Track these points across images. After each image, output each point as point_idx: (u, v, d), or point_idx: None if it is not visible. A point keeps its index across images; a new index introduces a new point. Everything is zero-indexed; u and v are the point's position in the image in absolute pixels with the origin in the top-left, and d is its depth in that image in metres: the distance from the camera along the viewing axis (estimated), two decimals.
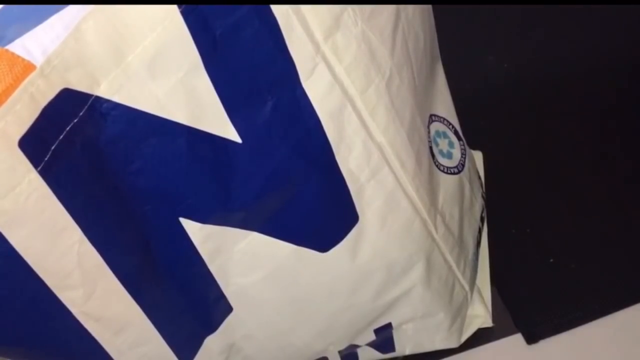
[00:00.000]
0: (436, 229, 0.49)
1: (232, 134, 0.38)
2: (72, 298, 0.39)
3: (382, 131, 0.43)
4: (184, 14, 0.34)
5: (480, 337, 0.58)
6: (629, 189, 0.65)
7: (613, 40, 0.78)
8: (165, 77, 0.36)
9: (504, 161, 0.68)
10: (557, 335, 0.58)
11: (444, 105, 0.55)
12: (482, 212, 0.61)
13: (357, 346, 0.54)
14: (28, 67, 0.33)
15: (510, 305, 0.60)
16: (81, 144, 0.35)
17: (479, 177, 0.63)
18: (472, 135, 0.60)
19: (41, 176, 0.34)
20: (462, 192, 0.54)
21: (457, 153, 0.54)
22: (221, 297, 0.46)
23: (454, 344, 0.57)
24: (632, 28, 0.79)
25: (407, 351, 0.56)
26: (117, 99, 0.35)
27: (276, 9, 0.36)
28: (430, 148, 0.50)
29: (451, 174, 0.53)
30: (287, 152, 0.40)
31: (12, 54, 0.33)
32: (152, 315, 0.43)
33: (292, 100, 0.39)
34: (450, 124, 0.55)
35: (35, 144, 0.34)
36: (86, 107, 0.35)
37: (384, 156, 0.44)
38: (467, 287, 0.55)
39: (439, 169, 0.51)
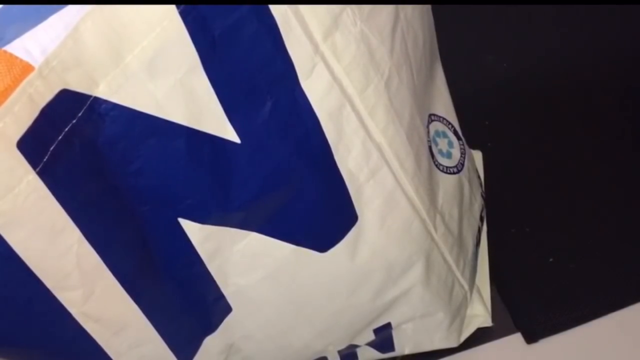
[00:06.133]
0: (435, 228, 0.49)
1: (231, 135, 0.38)
2: (71, 299, 0.39)
3: (381, 131, 0.43)
4: (183, 14, 0.34)
5: (479, 337, 0.58)
6: (629, 189, 0.65)
7: (613, 40, 0.78)
8: (164, 78, 0.36)
9: (503, 161, 0.68)
10: (557, 334, 0.58)
11: (443, 104, 0.55)
12: (482, 211, 0.61)
13: (356, 346, 0.54)
14: (26, 68, 0.33)
15: (510, 304, 0.60)
16: (80, 144, 0.35)
17: (479, 177, 0.63)
18: (471, 135, 0.60)
19: (40, 177, 0.34)
20: (461, 192, 0.54)
21: (456, 152, 0.54)
22: (220, 297, 0.46)
23: (453, 344, 0.57)
24: (633, 27, 0.79)
25: (407, 351, 0.56)
26: (115, 99, 0.35)
27: (275, 9, 0.36)
28: (430, 148, 0.50)
29: (451, 173, 0.53)
30: (286, 152, 0.40)
31: (11, 54, 0.33)
32: (151, 315, 0.43)
33: (291, 101, 0.39)
34: (449, 123, 0.55)
35: (33, 144, 0.34)
36: (85, 107, 0.35)
37: (383, 156, 0.43)
38: (466, 287, 0.55)
39: (438, 168, 0.51)
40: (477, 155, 0.68)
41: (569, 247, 0.62)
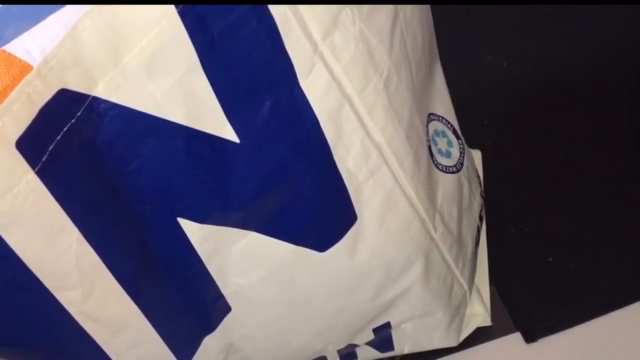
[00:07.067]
0: (435, 228, 0.49)
1: (230, 134, 0.38)
2: (70, 298, 0.39)
3: (381, 130, 0.43)
4: (182, 14, 0.34)
5: (478, 336, 0.58)
6: (629, 188, 0.65)
7: (612, 39, 0.78)
8: (163, 77, 0.36)
9: (502, 160, 0.68)
10: (556, 334, 0.58)
11: (443, 104, 0.55)
12: (481, 211, 0.61)
13: (356, 345, 0.54)
14: (25, 68, 0.33)
15: (509, 304, 0.60)
16: (79, 144, 0.35)
17: (478, 176, 0.63)
18: (470, 134, 0.60)
19: (39, 177, 0.34)
20: (460, 191, 0.54)
21: (455, 152, 0.54)
22: (219, 297, 0.46)
23: (452, 343, 0.57)
24: (632, 27, 0.79)
25: (406, 350, 0.56)
26: (114, 99, 0.35)
27: (274, 9, 0.36)
28: (429, 147, 0.50)
29: (450, 173, 0.53)
30: (285, 151, 0.40)
31: (9, 54, 0.33)
32: (150, 315, 0.43)
33: (290, 100, 0.39)
34: (448, 122, 0.55)
35: (32, 144, 0.34)
36: (84, 107, 0.35)
37: (382, 155, 0.43)
38: (465, 286, 0.55)
39: (437, 168, 0.51)
40: (477, 155, 0.68)
41: (568, 247, 0.62)
